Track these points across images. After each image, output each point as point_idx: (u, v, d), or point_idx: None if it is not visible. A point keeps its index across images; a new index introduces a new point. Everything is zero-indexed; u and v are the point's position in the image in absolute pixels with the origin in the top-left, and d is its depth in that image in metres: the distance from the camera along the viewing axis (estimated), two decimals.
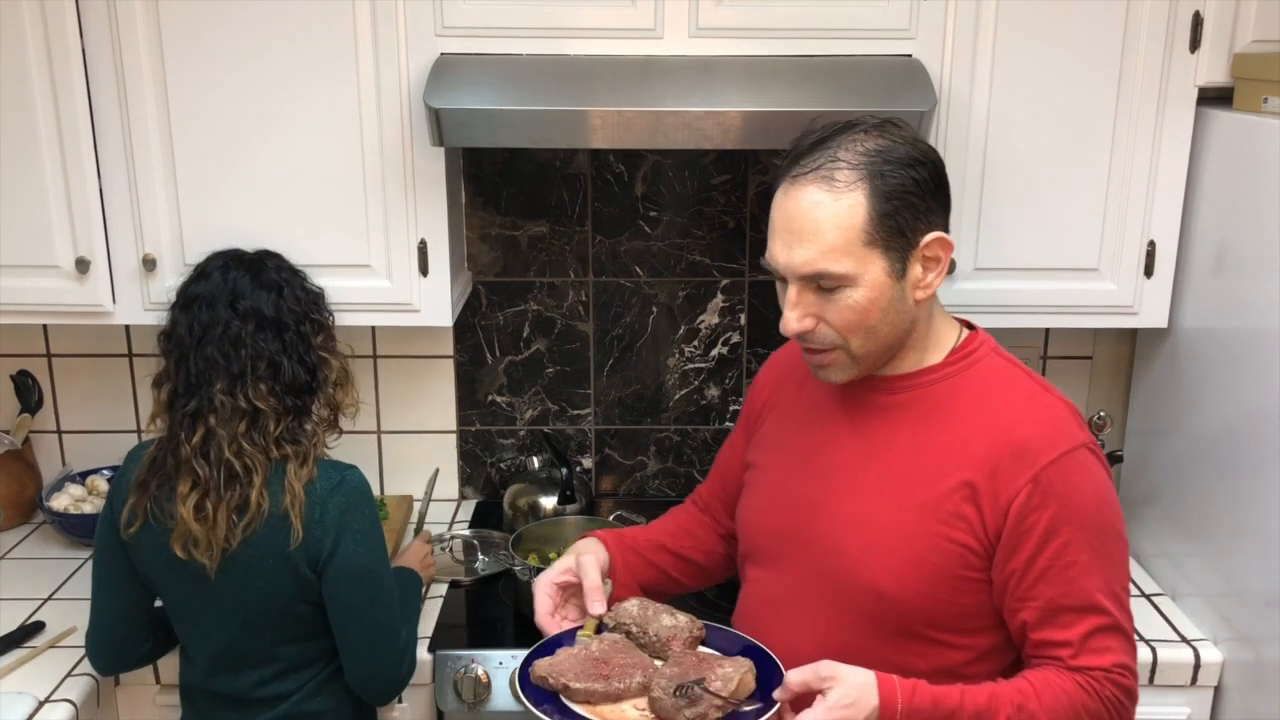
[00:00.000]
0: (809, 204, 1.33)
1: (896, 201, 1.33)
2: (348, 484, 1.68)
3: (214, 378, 1.63)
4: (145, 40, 1.93)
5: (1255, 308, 1.86)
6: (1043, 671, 1.36)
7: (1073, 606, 1.35)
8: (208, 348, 1.64)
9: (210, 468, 1.62)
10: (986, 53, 1.97)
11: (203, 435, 1.63)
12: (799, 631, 1.45)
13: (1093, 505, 1.37)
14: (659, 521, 1.75)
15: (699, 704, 1.31)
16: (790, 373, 1.61)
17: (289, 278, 1.72)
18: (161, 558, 1.66)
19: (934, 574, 1.37)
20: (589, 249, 2.40)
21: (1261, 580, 1.82)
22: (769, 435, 1.60)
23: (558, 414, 2.50)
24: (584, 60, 1.95)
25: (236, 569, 1.65)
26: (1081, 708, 1.33)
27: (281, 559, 1.64)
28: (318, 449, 1.70)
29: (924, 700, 1.29)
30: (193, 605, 1.71)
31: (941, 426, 1.41)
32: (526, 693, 1.37)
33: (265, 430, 1.64)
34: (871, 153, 1.34)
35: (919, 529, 1.38)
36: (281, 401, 1.65)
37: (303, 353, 1.69)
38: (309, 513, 1.64)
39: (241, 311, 1.65)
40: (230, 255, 1.73)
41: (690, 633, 1.46)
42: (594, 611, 1.48)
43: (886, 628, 1.40)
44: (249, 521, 1.62)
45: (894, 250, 1.34)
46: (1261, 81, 1.91)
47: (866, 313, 1.35)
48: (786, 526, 1.50)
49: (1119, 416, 2.40)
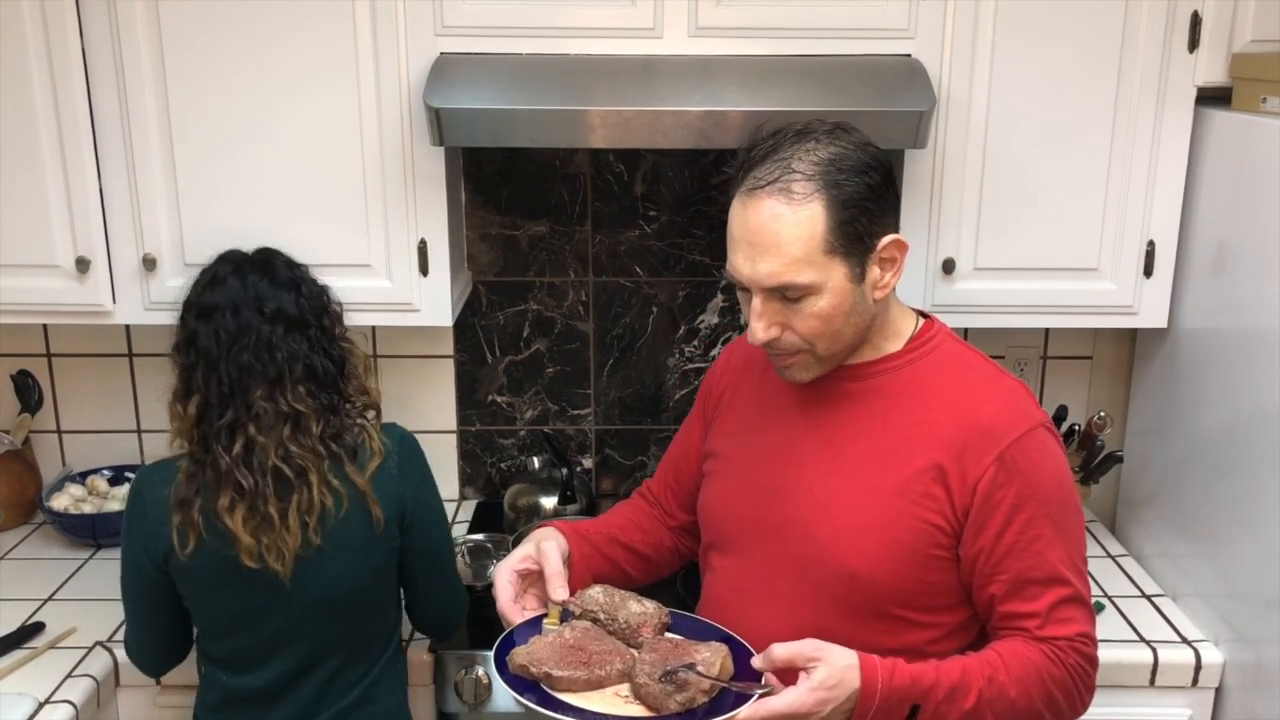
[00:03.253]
0: (769, 216, 1.36)
1: (853, 209, 1.37)
2: (407, 438, 1.76)
3: (252, 385, 1.59)
4: (145, 40, 1.93)
5: (1255, 308, 1.86)
6: (1010, 642, 1.41)
7: (1038, 579, 1.41)
8: (242, 355, 1.60)
9: (254, 476, 1.59)
10: (986, 52, 1.97)
11: (244, 445, 1.59)
12: (770, 617, 1.48)
13: (1053, 481, 1.43)
14: (609, 514, 1.76)
15: (687, 689, 1.33)
16: (749, 363, 1.64)
17: (301, 274, 1.70)
18: (218, 572, 1.63)
19: (906, 554, 1.42)
20: (589, 249, 2.40)
21: (1262, 580, 1.82)
22: (730, 424, 1.62)
23: (558, 414, 2.50)
24: (584, 60, 1.95)
25: (313, 564, 1.64)
26: (1048, 675, 1.39)
27: (366, 539, 1.66)
28: (371, 428, 1.70)
29: (902, 679, 1.33)
30: (252, 613, 1.67)
31: (906, 410, 1.46)
32: (507, 681, 1.38)
33: (309, 431, 1.62)
34: (825, 162, 1.37)
35: (890, 510, 1.42)
36: (318, 400, 1.64)
37: (328, 346, 1.67)
38: (389, 476, 1.69)
39: (269, 315, 1.62)
40: (237, 258, 1.69)
41: (659, 619, 1.48)
42: (556, 597, 1.49)
43: (858, 609, 1.44)
44: (320, 518, 1.62)
45: (853, 256, 1.38)
46: (1260, 81, 1.91)
47: (831, 319, 1.40)
48: (754, 514, 1.52)
49: (1119, 416, 2.40)
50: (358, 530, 1.66)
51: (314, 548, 1.62)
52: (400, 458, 1.72)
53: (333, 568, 1.66)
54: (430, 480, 1.77)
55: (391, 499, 1.69)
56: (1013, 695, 1.37)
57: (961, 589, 1.45)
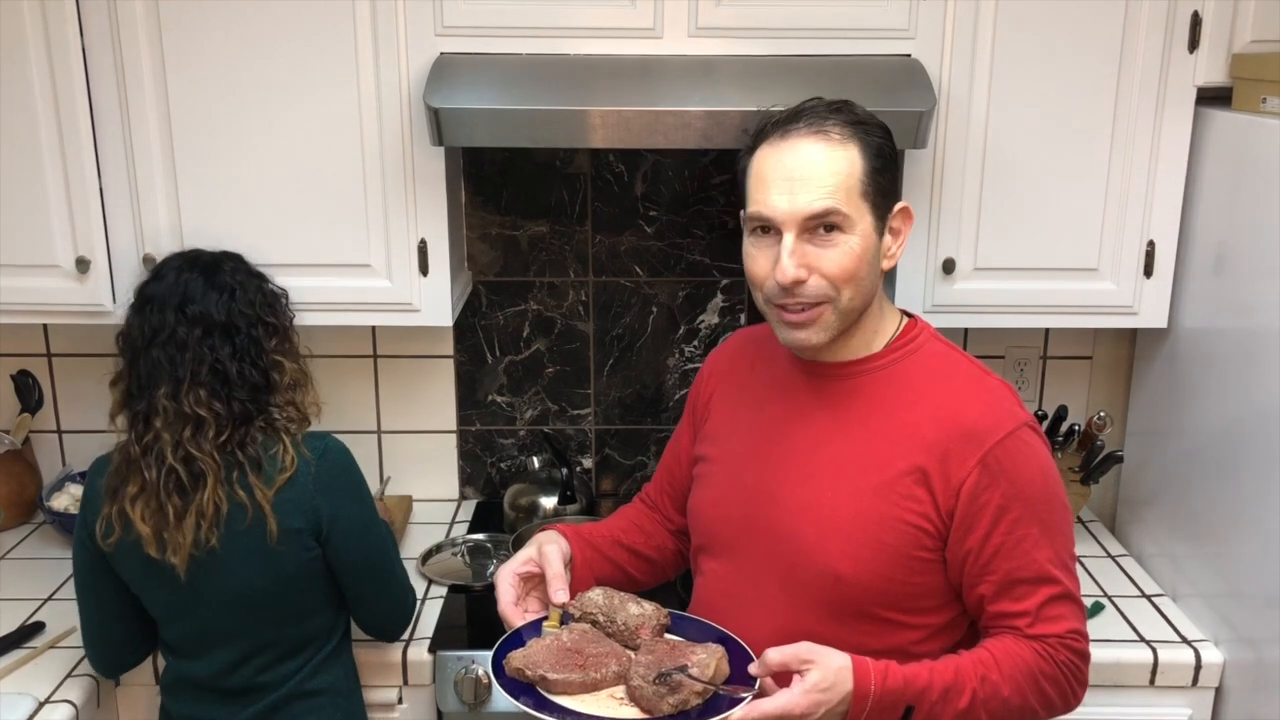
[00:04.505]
0: (808, 153, 1.39)
1: (882, 160, 1.41)
2: (331, 451, 1.72)
3: (159, 381, 1.64)
4: (145, 40, 1.93)
5: (1255, 308, 1.86)
6: (1001, 641, 1.42)
7: (1027, 579, 1.41)
8: (154, 351, 1.64)
9: (155, 470, 1.63)
10: (986, 52, 1.97)
11: (151, 437, 1.64)
12: (757, 620, 1.48)
13: (1039, 481, 1.42)
14: (612, 518, 1.77)
15: (680, 691, 1.33)
16: (734, 366, 1.64)
17: (244, 280, 1.71)
18: (138, 562, 1.67)
19: (890, 556, 1.41)
20: (589, 249, 2.40)
21: (1262, 580, 1.82)
22: (717, 428, 1.62)
23: (558, 414, 2.50)
24: (584, 60, 1.95)
25: (217, 564, 1.66)
26: (1039, 673, 1.40)
27: (270, 549, 1.66)
28: (288, 441, 1.68)
29: (896, 681, 1.33)
30: (179, 605, 1.71)
31: (889, 411, 1.45)
32: (503, 685, 1.38)
33: (207, 436, 1.63)
34: (851, 119, 1.42)
35: (873, 512, 1.42)
36: (228, 407, 1.65)
37: (255, 356, 1.68)
38: (302, 489, 1.67)
39: (190, 316, 1.65)
40: (188, 256, 1.73)
41: (657, 620, 1.48)
42: (557, 600, 1.49)
43: (843, 611, 1.44)
44: (212, 523, 1.63)
45: (879, 208, 1.41)
46: (1260, 81, 1.91)
47: (860, 261, 1.40)
48: (740, 516, 1.52)
49: (1119, 416, 2.41)
50: (263, 539, 1.66)
51: (209, 549, 1.64)
52: (319, 471, 1.69)
53: (237, 570, 1.67)
54: (355, 493, 1.75)
55: (305, 512, 1.68)
56: (1006, 694, 1.38)
57: (947, 590, 1.45)
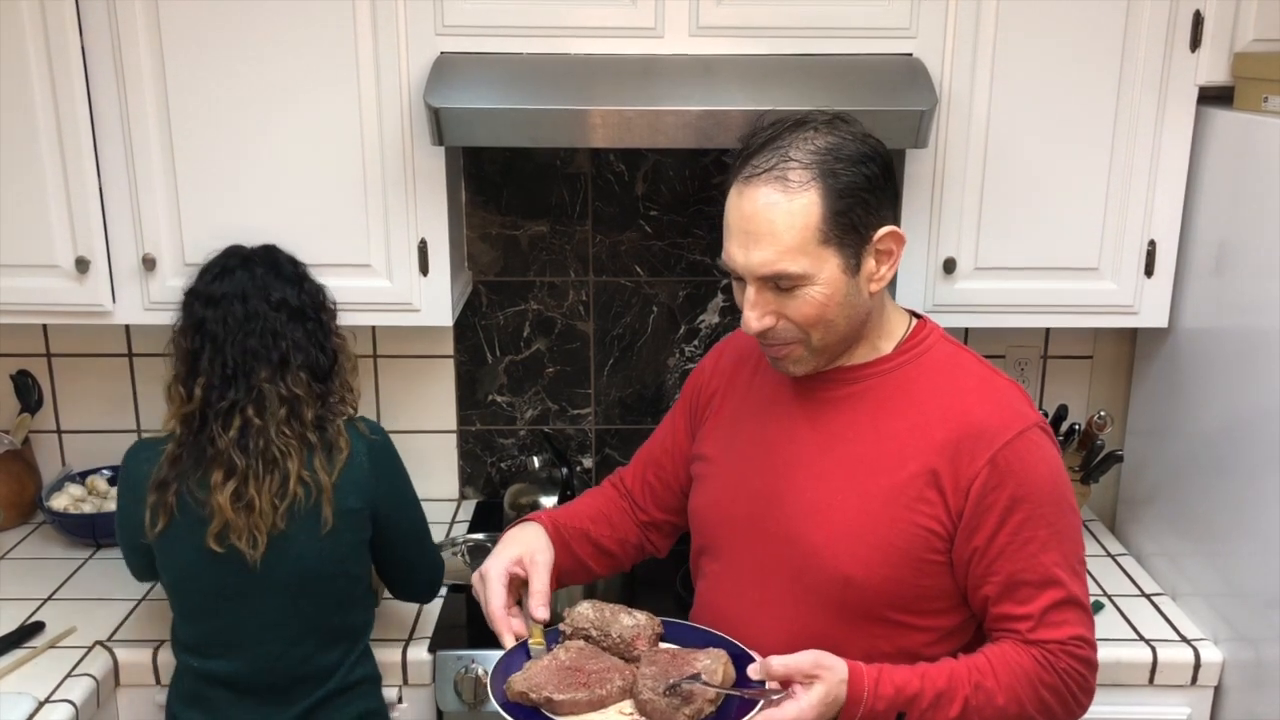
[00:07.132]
0: (764, 204, 1.36)
1: (849, 199, 1.36)
2: (378, 431, 1.82)
3: (256, 368, 1.69)
4: (145, 40, 1.93)
5: (1255, 307, 1.86)
6: (1000, 647, 1.40)
7: (1031, 581, 1.39)
8: (249, 340, 1.69)
9: (248, 457, 1.67)
10: (987, 52, 1.97)
11: (240, 426, 1.68)
12: (763, 622, 1.47)
13: (1048, 483, 1.41)
14: (581, 504, 1.71)
15: (694, 700, 1.31)
16: (741, 364, 1.62)
17: (303, 270, 1.80)
18: (192, 550, 1.70)
19: (900, 558, 1.40)
20: (589, 248, 2.40)
21: (1261, 580, 1.82)
22: (721, 427, 1.60)
23: (558, 414, 2.50)
24: (584, 59, 1.95)
25: (282, 546, 1.70)
26: (1038, 681, 1.38)
27: (326, 528, 1.70)
28: (342, 425, 1.76)
29: (887, 688, 1.33)
30: (229, 592, 1.72)
31: (899, 413, 1.44)
32: (508, 711, 1.35)
33: (302, 417, 1.70)
34: (823, 151, 1.36)
35: (884, 515, 1.41)
36: (311, 389, 1.73)
37: (323, 340, 1.77)
38: (359, 469, 1.74)
39: (274, 304, 1.72)
40: (245, 253, 1.79)
41: (652, 630, 1.46)
42: (537, 616, 1.46)
43: (852, 614, 1.43)
44: (291, 503, 1.68)
45: (848, 246, 1.38)
46: (1262, 81, 1.91)
47: (824, 308, 1.39)
48: (747, 518, 1.51)
49: (1119, 416, 2.41)
50: (319, 520, 1.71)
51: (280, 531, 1.69)
52: (373, 451, 1.77)
53: (297, 552, 1.71)
54: (402, 472, 1.84)
55: (362, 491, 1.75)
56: (1000, 703, 1.36)
57: (957, 592, 1.44)
